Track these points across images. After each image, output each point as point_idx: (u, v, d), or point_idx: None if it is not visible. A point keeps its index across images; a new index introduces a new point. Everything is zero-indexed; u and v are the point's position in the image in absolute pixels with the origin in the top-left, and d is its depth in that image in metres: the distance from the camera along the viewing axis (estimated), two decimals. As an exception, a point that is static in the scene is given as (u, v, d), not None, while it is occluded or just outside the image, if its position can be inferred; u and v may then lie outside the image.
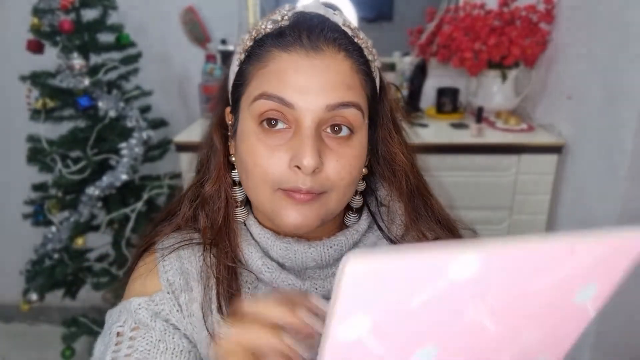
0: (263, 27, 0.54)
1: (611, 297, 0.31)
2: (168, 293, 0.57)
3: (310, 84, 0.50)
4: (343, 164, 0.53)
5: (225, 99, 0.61)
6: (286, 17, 0.53)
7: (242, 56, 0.55)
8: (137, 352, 0.52)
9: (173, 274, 0.58)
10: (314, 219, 0.54)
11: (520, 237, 0.24)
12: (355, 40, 0.54)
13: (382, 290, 0.24)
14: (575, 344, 0.39)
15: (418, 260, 0.23)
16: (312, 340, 0.37)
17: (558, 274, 0.27)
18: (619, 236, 0.26)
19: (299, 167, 0.50)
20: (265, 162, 0.52)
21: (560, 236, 0.24)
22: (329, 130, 0.52)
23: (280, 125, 0.52)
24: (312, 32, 0.51)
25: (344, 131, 0.53)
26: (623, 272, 0.29)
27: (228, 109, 0.60)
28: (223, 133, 0.61)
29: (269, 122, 0.52)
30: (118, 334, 0.54)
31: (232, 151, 0.59)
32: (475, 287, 0.25)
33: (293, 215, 0.53)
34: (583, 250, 0.26)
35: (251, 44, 0.54)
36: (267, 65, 0.52)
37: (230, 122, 0.60)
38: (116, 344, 0.53)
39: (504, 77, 1.81)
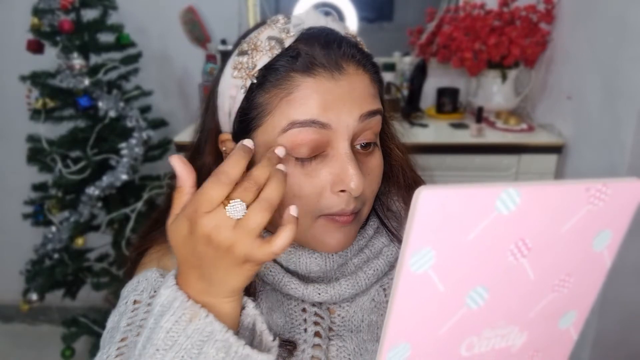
0: (266, 47, 0.51)
1: (610, 297, 0.32)
2: None
3: (341, 102, 0.49)
4: (372, 177, 0.53)
5: (215, 127, 0.57)
6: (291, 34, 0.51)
7: (248, 83, 0.51)
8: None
9: None
10: (354, 237, 0.54)
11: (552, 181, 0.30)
12: (362, 48, 0.54)
13: (446, 221, 0.28)
14: (576, 341, 0.40)
15: (476, 192, 0.28)
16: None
17: (578, 215, 0.31)
18: (622, 181, 0.31)
19: (343, 191, 0.49)
20: (307, 193, 0.50)
21: (576, 180, 0.30)
22: (358, 146, 0.52)
23: (314, 152, 0.50)
24: (328, 51, 0.50)
25: (372, 146, 0.53)
26: (629, 218, 0.33)
27: (225, 136, 0.56)
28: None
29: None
30: (135, 301, 0.53)
31: None
32: (517, 223, 0.29)
33: (337, 238, 0.52)
34: (595, 189, 0.30)
35: (259, 69, 0.50)
36: (292, 93, 0.49)
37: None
38: (132, 311, 0.52)
39: (504, 77, 1.81)
